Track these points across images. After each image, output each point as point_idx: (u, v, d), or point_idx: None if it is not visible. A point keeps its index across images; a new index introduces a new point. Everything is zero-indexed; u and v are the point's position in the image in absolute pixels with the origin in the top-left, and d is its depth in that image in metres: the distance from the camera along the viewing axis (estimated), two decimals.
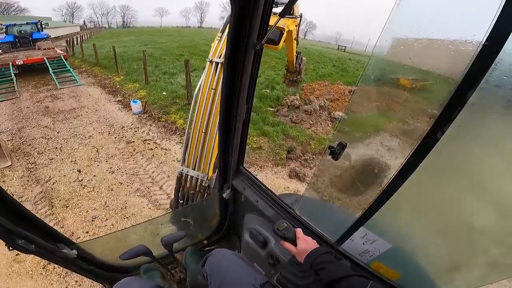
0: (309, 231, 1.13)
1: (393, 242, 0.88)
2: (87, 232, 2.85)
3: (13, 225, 0.82)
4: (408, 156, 0.66)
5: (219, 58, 1.68)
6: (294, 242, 0.95)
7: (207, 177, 1.84)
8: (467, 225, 0.74)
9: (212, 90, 1.67)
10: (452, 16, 0.58)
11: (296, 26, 2.64)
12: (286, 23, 2.15)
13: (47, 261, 2.42)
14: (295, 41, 2.81)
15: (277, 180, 3.94)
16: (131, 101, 6.12)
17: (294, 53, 3.03)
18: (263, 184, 1.39)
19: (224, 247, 1.79)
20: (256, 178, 1.43)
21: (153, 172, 3.99)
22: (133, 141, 4.85)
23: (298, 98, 6.63)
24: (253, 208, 1.40)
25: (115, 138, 4.97)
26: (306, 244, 0.92)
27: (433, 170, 0.67)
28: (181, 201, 1.99)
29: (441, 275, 0.87)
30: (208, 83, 1.69)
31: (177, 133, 5.15)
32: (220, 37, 1.73)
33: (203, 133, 1.75)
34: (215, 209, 1.77)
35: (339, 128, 1.01)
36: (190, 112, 1.80)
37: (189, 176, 1.87)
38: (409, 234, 0.87)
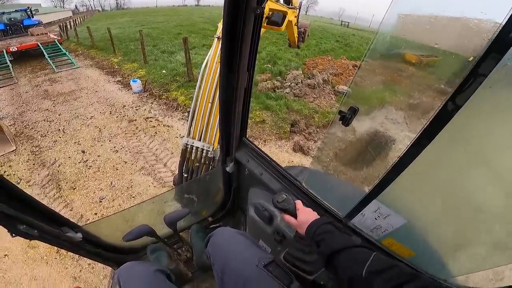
0: (316, 205, 1.07)
1: (409, 217, 0.81)
2: (95, 214, 2.87)
3: (13, 210, 0.79)
4: (424, 127, 0.60)
5: None
6: (294, 215, 0.91)
7: (213, 147, 1.81)
8: (483, 203, 0.69)
9: (220, 64, 1.68)
10: None
11: (295, 16, 2.73)
12: (287, 11, 2.25)
13: None
14: (295, 26, 2.88)
15: (281, 154, 3.91)
16: (131, 81, 6.04)
17: (296, 35, 3.09)
18: (268, 156, 1.31)
19: (229, 223, 1.77)
20: (261, 150, 1.35)
21: (156, 149, 3.98)
22: (135, 120, 4.82)
23: (301, 72, 6.46)
24: (258, 182, 1.33)
25: (117, 117, 4.93)
26: (306, 215, 0.88)
27: (452, 141, 0.62)
28: (185, 175, 1.97)
29: (458, 254, 0.81)
30: (216, 57, 1.70)
31: (179, 109, 5.10)
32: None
33: (209, 104, 1.74)
34: (219, 184, 1.70)
35: (350, 93, 0.94)
36: (197, 84, 1.79)
37: (194, 147, 1.85)
38: (426, 209, 0.80)
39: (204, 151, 1.83)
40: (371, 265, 0.60)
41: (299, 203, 0.94)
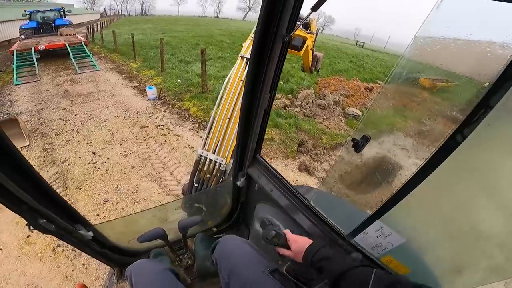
0: (322, 223, 1.12)
1: (408, 236, 0.86)
2: (97, 215, 2.91)
3: (37, 203, 0.79)
4: (431, 155, 0.64)
5: (249, 54, 1.77)
6: (287, 246, 0.94)
7: (225, 161, 1.89)
8: (483, 230, 0.72)
9: (241, 82, 1.79)
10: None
11: (312, 41, 2.84)
12: (307, 37, 2.38)
13: (56, 244, 2.50)
14: (311, 51, 3.01)
15: (286, 173, 3.92)
16: (147, 87, 6.21)
17: (310, 60, 3.22)
18: (279, 174, 1.36)
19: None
20: (272, 167, 1.40)
21: (164, 157, 4.05)
22: (147, 126, 4.93)
23: (313, 92, 6.53)
24: (267, 198, 1.38)
25: (130, 122, 5.06)
26: (298, 243, 0.91)
27: (454, 171, 0.65)
28: (196, 185, 2.03)
29: (451, 274, 0.85)
30: (238, 75, 1.81)
31: (190, 120, 5.20)
32: (253, 38, 1.85)
33: (227, 119, 1.83)
34: (227, 197, 1.77)
35: (364, 121, 0.99)
36: (218, 99, 1.89)
37: (208, 159, 1.93)
38: (424, 230, 0.85)
39: (217, 164, 1.91)
40: (373, 285, 0.63)
41: (288, 232, 0.97)
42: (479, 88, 0.58)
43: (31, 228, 0.83)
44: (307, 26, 2.51)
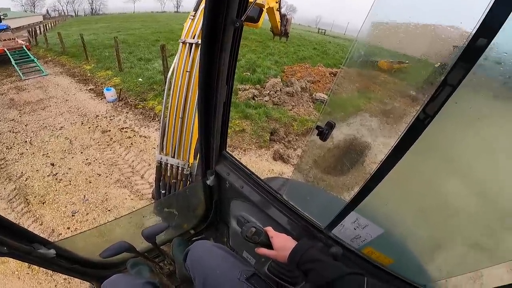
0: (297, 217, 1.08)
1: (385, 227, 0.84)
2: (68, 228, 2.73)
3: None
4: (399, 138, 0.62)
5: (193, 38, 1.56)
6: (269, 245, 0.84)
7: (188, 164, 1.75)
8: (458, 208, 0.73)
9: (187, 73, 1.57)
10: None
11: (276, 2, 2.59)
12: (262, 4, 2.07)
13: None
14: (278, 12, 2.78)
15: (261, 163, 3.92)
16: (104, 89, 5.82)
17: (278, 20, 3.02)
18: (248, 169, 1.32)
19: (212, 236, 1.75)
20: (240, 163, 1.35)
21: (133, 161, 3.84)
22: (109, 130, 4.63)
23: (280, 80, 6.57)
24: (239, 195, 1.34)
25: (89, 128, 4.71)
26: (282, 242, 0.82)
27: (424, 153, 0.65)
28: (163, 191, 1.89)
29: (434, 259, 0.84)
30: (182, 65, 1.58)
31: (156, 119, 4.97)
32: (193, 16, 1.61)
33: (180, 119, 1.65)
34: (199, 197, 1.68)
35: (326, 108, 0.96)
36: (164, 97, 1.70)
37: (169, 165, 1.78)
38: (401, 219, 0.84)
39: (180, 168, 1.76)
40: None
41: (270, 230, 0.88)
42: (432, 68, 0.60)
43: None
44: None
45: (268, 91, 5.91)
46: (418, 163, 0.68)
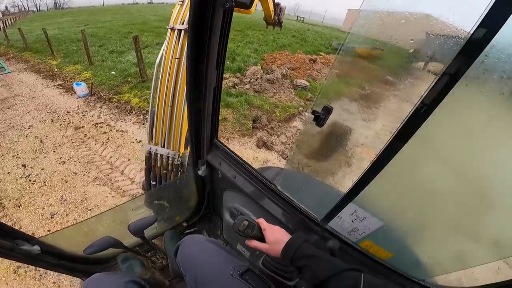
0: (293, 208, 1.03)
1: (385, 219, 0.81)
2: (49, 231, 2.60)
3: None
4: (401, 126, 0.59)
5: (182, 24, 1.49)
6: (262, 238, 0.80)
7: (179, 154, 1.67)
8: (460, 201, 0.71)
9: (176, 60, 1.50)
10: None
11: None
12: None
13: (17, 266, 2.25)
14: (271, 0, 2.68)
15: (245, 151, 3.87)
16: (74, 84, 5.47)
17: (271, 9, 2.89)
18: (241, 158, 1.26)
19: (206, 228, 1.71)
20: (233, 152, 1.29)
21: (110, 157, 3.67)
22: (83, 126, 4.37)
23: (260, 68, 6.49)
24: (232, 185, 1.28)
25: (60, 125, 4.42)
26: (275, 235, 0.78)
27: (425, 143, 0.63)
28: (153, 183, 1.80)
29: (434, 253, 0.82)
30: (171, 52, 1.51)
31: (133, 113, 4.75)
32: (182, 2, 1.54)
33: (169, 107, 1.58)
34: (191, 189, 1.61)
35: (323, 92, 0.92)
36: (152, 86, 1.61)
37: (158, 155, 1.69)
38: (401, 211, 0.80)
39: (170, 159, 1.67)
40: None
41: (262, 222, 0.83)
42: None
43: None
44: None
45: (249, 79, 5.82)
46: (419, 152, 0.65)
